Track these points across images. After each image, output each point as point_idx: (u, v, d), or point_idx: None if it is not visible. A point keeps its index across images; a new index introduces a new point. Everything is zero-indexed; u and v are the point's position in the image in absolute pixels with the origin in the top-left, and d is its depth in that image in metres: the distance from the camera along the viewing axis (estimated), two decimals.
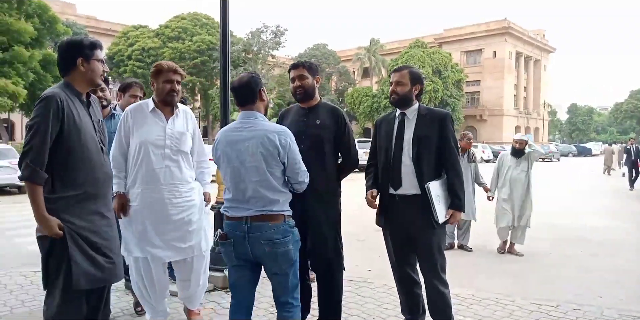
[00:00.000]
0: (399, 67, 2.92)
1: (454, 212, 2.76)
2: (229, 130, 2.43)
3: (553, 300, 3.80)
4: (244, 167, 2.33)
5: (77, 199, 2.16)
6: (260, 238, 2.30)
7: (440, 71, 40.53)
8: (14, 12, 19.61)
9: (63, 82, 2.25)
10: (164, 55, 33.97)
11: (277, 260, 2.33)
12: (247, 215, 2.32)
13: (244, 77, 2.44)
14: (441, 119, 2.80)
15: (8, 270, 4.60)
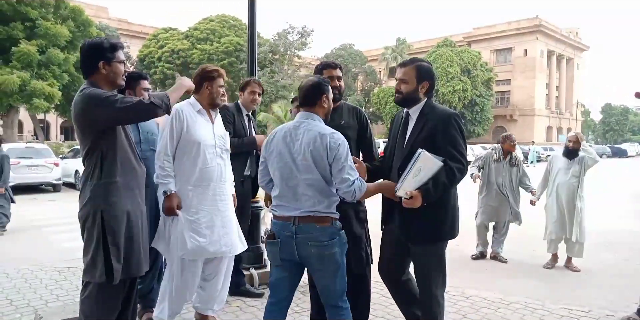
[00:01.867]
0: (404, 62, 2.63)
1: (418, 194, 2.32)
2: (285, 128, 2.42)
3: (585, 305, 3.69)
4: (295, 164, 2.32)
5: (122, 185, 2.28)
6: (307, 239, 2.28)
7: (470, 70, 39.89)
8: (51, 16, 20.32)
9: (88, 83, 2.31)
10: (193, 56, 34.53)
11: (324, 262, 2.31)
12: (295, 215, 2.31)
13: (312, 80, 2.45)
14: (444, 120, 2.46)
15: (44, 266, 4.77)
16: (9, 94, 18.04)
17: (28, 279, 4.33)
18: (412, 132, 2.54)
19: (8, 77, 17.55)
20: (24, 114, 25.12)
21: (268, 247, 2.41)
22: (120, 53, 2.36)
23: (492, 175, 5.48)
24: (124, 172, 2.30)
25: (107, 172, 2.25)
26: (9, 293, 3.91)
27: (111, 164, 2.26)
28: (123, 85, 2.44)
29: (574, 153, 5.07)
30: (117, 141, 2.29)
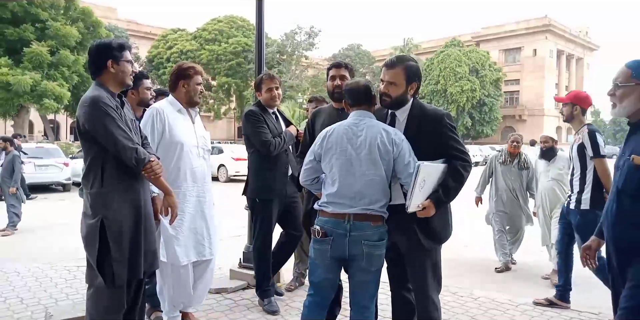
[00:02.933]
0: (391, 62, 2.40)
1: (429, 204, 2.26)
2: (343, 125, 2.38)
3: (594, 307, 3.66)
4: (358, 159, 2.28)
5: (125, 192, 2.27)
6: (361, 238, 2.25)
7: (478, 70, 39.72)
8: (61, 17, 20.54)
9: (97, 84, 2.32)
10: (201, 57, 34.69)
11: (372, 262, 2.28)
12: (351, 212, 2.26)
13: (363, 81, 2.49)
14: (436, 122, 2.34)
15: (54, 265, 4.82)
16: (20, 95, 18.27)
17: (38, 277, 4.37)
18: (406, 133, 2.36)
19: (20, 78, 17.76)
20: (34, 115, 25.37)
21: (316, 245, 2.33)
22: (127, 53, 2.36)
23: (499, 179, 5.09)
24: (127, 177, 2.28)
25: (109, 179, 2.24)
26: (20, 291, 3.96)
27: (113, 170, 2.25)
28: (131, 85, 2.44)
29: (549, 153, 4.69)
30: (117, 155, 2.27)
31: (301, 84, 35.93)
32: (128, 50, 2.38)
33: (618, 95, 1.98)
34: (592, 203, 3.40)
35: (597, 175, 3.40)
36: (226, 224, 3.06)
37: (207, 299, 3.60)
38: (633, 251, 1.90)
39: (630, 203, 1.91)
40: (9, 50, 19.45)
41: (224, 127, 48.87)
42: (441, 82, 39.64)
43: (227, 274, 4.13)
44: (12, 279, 4.32)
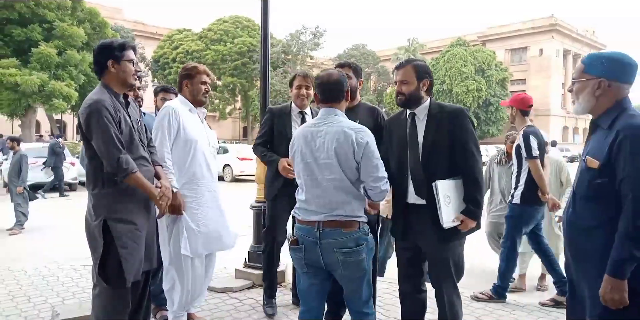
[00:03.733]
0: (400, 64, 2.55)
1: (465, 218, 2.37)
2: (307, 125, 2.31)
3: None
4: (317, 164, 2.19)
5: (126, 193, 2.26)
6: (332, 246, 2.15)
7: (484, 70, 39.56)
8: (68, 18, 20.68)
9: (101, 84, 2.34)
10: (207, 57, 34.78)
11: (350, 269, 2.18)
12: (319, 219, 2.17)
13: (335, 74, 2.31)
14: (454, 116, 2.41)
15: (60, 264, 4.85)
16: (28, 95, 18.40)
17: (45, 276, 4.40)
18: (427, 133, 2.43)
19: (28, 78, 17.89)
20: (41, 114, 25.54)
21: (292, 253, 2.29)
22: (129, 52, 2.35)
23: (495, 180, 4.78)
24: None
25: (111, 180, 2.23)
26: (27, 290, 3.99)
27: (112, 175, 2.23)
28: (134, 85, 2.43)
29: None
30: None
31: None
32: (132, 49, 2.38)
33: (575, 91, 1.94)
34: (522, 199, 3.69)
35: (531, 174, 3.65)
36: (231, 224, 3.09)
37: (213, 298, 3.62)
38: (584, 256, 1.87)
39: (583, 205, 1.88)
40: (17, 50, 19.60)
41: (229, 127, 48.99)
42: (447, 82, 39.51)
43: (233, 273, 4.14)
44: (19, 278, 4.35)
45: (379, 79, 47.30)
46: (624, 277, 1.67)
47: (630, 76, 1.84)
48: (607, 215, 1.75)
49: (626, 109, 1.80)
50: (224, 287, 3.87)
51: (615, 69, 1.83)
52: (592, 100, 1.86)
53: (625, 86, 1.84)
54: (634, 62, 1.84)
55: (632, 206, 1.66)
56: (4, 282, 4.22)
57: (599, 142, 1.82)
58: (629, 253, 1.64)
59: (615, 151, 1.72)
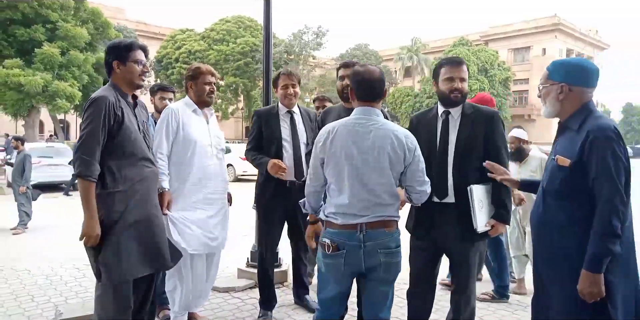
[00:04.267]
0: (459, 60, 2.52)
1: (496, 223, 2.44)
2: (347, 125, 2.14)
3: None
4: (366, 165, 2.09)
5: (126, 194, 2.23)
6: (377, 247, 2.09)
7: (487, 69, 39.50)
8: (71, 18, 20.73)
9: (110, 83, 2.34)
10: (209, 57, 34.81)
11: (390, 270, 2.14)
12: (363, 222, 2.08)
13: (377, 71, 2.20)
14: (488, 118, 2.48)
15: (63, 263, 4.87)
16: (32, 95, 18.46)
17: (48, 275, 4.42)
18: (461, 134, 2.46)
19: (31, 79, 17.94)
20: (44, 114, 25.62)
21: (328, 259, 2.14)
22: (136, 53, 2.33)
23: None
24: (130, 179, 2.25)
25: (111, 181, 2.21)
26: (31, 289, 4.00)
27: (115, 172, 2.22)
28: (142, 86, 2.41)
29: (518, 155, 4.09)
30: (121, 149, 2.25)
31: (309, 84, 35.94)
32: (140, 49, 2.35)
33: (542, 96, 2.04)
34: None
35: None
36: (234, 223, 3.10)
37: (215, 298, 3.63)
38: (558, 255, 1.91)
39: (555, 203, 1.93)
40: (20, 51, 19.66)
41: (231, 127, 49.00)
42: None
43: (235, 273, 4.14)
44: (22, 277, 4.37)
45: None
46: (601, 271, 1.75)
47: (590, 80, 1.95)
48: (581, 213, 1.82)
49: (592, 111, 1.91)
50: (226, 286, 3.87)
51: (575, 75, 1.94)
52: (557, 104, 1.97)
53: (587, 90, 1.95)
54: (594, 68, 1.96)
55: (606, 204, 1.74)
56: (7, 282, 4.24)
57: (569, 142, 1.91)
58: (606, 248, 1.73)
59: (587, 150, 1.80)
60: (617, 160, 1.76)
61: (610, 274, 1.78)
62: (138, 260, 2.25)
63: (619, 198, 1.74)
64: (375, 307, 2.19)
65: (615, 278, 1.79)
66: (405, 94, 41.08)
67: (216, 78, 3.08)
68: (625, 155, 1.79)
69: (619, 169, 1.76)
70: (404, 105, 40.32)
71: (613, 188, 1.74)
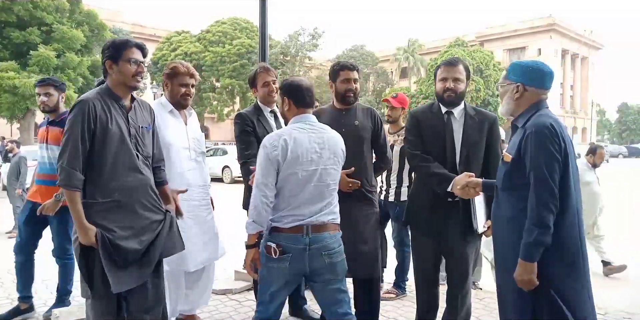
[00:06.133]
0: (454, 61, 2.60)
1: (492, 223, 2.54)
2: (303, 131, 2.22)
3: (601, 308, 3.64)
4: (325, 171, 2.21)
5: (107, 206, 2.11)
6: (321, 250, 2.17)
7: (482, 70, 39.59)
8: (66, 20, 20.66)
9: (104, 86, 2.22)
10: (205, 59, 34.77)
11: (336, 270, 2.23)
12: (308, 224, 2.16)
13: (307, 81, 2.37)
14: (491, 122, 2.61)
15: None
16: (27, 97, 18.39)
17: (45, 279, 4.39)
18: (467, 134, 2.55)
19: (26, 81, 17.87)
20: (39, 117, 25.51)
21: (272, 263, 2.18)
22: (130, 51, 2.16)
23: None
24: (112, 190, 2.12)
25: (92, 191, 2.10)
26: None
27: (96, 181, 2.10)
28: (138, 87, 2.23)
29: None
30: (102, 157, 2.10)
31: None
32: (135, 48, 2.19)
33: (500, 95, 2.16)
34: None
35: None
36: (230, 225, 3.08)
37: (212, 300, 3.62)
38: (505, 245, 2.02)
39: (502, 197, 2.06)
40: (15, 53, 19.58)
41: (228, 128, 48.86)
42: None
43: (232, 275, 4.14)
44: None
45: (377, 80, 47.27)
46: (533, 260, 1.87)
47: (545, 82, 2.05)
48: (523, 205, 1.93)
49: (539, 110, 2.01)
50: (223, 288, 3.86)
51: (531, 75, 2.04)
52: (512, 102, 2.07)
53: (540, 91, 2.05)
54: (549, 70, 2.06)
55: (535, 196, 1.87)
56: (3, 286, 4.21)
57: (514, 140, 2.04)
58: (536, 238, 1.85)
59: (524, 146, 1.93)
60: (549, 156, 1.86)
61: (548, 265, 1.89)
62: (122, 275, 2.11)
63: (549, 191, 1.85)
64: (334, 305, 2.25)
65: (554, 270, 1.90)
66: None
67: (195, 79, 2.86)
68: (561, 151, 1.88)
69: (550, 164, 1.85)
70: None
71: (543, 182, 1.85)
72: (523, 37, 48.59)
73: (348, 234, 2.68)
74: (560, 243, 1.89)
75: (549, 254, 1.89)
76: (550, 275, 1.90)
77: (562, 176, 1.88)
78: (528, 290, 1.91)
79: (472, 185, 2.33)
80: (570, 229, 1.92)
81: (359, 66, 3.17)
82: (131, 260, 2.15)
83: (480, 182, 2.34)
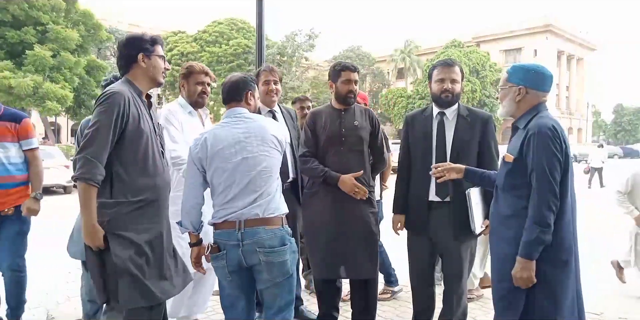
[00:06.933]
0: (450, 62, 2.65)
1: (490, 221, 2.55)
2: (220, 127, 2.21)
3: (596, 309, 3.65)
4: (254, 159, 2.13)
5: (136, 206, 1.98)
6: (254, 246, 2.06)
7: (478, 71, 39.73)
8: (61, 20, 20.60)
9: (125, 80, 2.10)
10: (202, 59, 34.73)
11: (273, 271, 2.09)
12: (240, 218, 2.07)
13: (235, 76, 2.33)
14: (484, 121, 2.60)
15: (55, 267, 4.81)
16: (22, 97, 18.32)
17: (40, 280, 4.36)
18: (457, 135, 2.57)
19: (22, 81, 17.81)
20: (35, 117, 25.44)
21: (214, 262, 2.15)
22: (160, 47, 2.16)
23: None
24: (142, 189, 2.00)
25: (120, 189, 1.96)
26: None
27: (125, 181, 1.97)
28: (162, 83, 2.19)
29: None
30: (134, 153, 2.00)
31: (302, 86, 35.95)
32: (160, 44, 2.17)
33: (500, 97, 2.18)
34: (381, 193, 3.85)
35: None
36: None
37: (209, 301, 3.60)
38: (503, 243, 2.04)
39: (502, 196, 2.09)
40: (11, 53, 19.51)
41: None
42: None
43: None
44: None
45: (374, 80, 47.38)
46: (532, 257, 1.90)
47: (545, 85, 2.09)
48: (521, 204, 1.96)
49: (539, 111, 2.05)
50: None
51: (533, 78, 2.07)
52: (513, 105, 2.11)
53: (541, 94, 2.09)
54: (549, 73, 2.10)
55: (537, 195, 1.89)
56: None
57: (515, 141, 2.07)
58: (536, 236, 1.88)
59: (526, 147, 1.96)
60: (551, 156, 1.89)
61: (544, 263, 1.92)
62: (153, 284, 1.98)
63: (551, 191, 1.88)
64: (275, 303, 2.15)
65: (549, 268, 1.92)
66: (397, 95, 41.15)
67: (211, 78, 2.92)
68: (562, 152, 1.91)
69: (552, 164, 1.88)
70: (396, 107, 40.39)
71: (545, 181, 1.88)
72: (519, 38, 48.75)
73: (346, 233, 2.71)
74: (557, 242, 1.91)
75: (545, 253, 1.91)
76: (544, 273, 1.92)
77: (562, 176, 1.91)
78: (525, 288, 1.93)
79: (454, 171, 2.37)
80: (566, 228, 1.94)
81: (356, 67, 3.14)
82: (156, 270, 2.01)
83: (462, 168, 2.36)
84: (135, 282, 1.92)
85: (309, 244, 2.90)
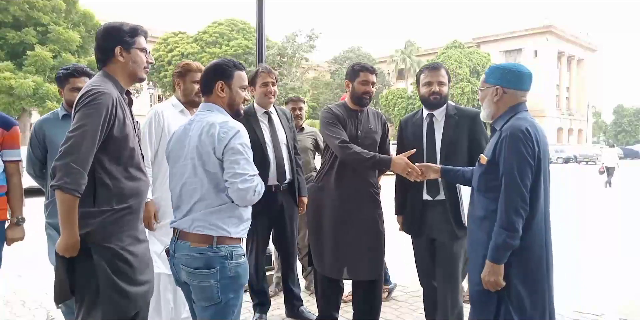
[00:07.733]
0: (437, 65, 2.70)
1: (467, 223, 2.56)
2: (185, 124, 2.01)
3: (597, 309, 3.65)
4: (182, 165, 1.90)
5: (121, 214, 1.81)
6: (180, 262, 1.86)
7: (479, 71, 39.69)
8: (62, 21, 20.62)
9: (104, 74, 1.88)
10: (202, 60, 34.73)
11: (198, 295, 1.84)
12: (177, 227, 1.89)
13: (210, 63, 2.03)
14: (471, 118, 2.62)
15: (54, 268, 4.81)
16: (23, 98, 18.34)
17: (40, 280, 4.37)
18: (446, 134, 2.61)
19: (23, 82, 17.83)
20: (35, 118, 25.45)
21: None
22: (141, 39, 1.92)
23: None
24: (127, 195, 1.84)
25: (105, 198, 1.78)
26: (22, 294, 3.96)
27: (110, 187, 1.79)
28: (144, 79, 1.99)
29: None
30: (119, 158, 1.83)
31: (302, 87, 35.95)
32: (142, 35, 1.93)
33: (480, 99, 2.15)
34: None
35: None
36: None
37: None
38: (476, 245, 2.03)
39: (477, 198, 2.08)
40: (11, 54, 19.53)
41: None
42: None
43: None
44: (13, 282, 4.33)
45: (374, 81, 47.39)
46: (500, 262, 1.88)
47: (523, 84, 2.04)
48: (493, 207, 1.94)
49: (517, 112, 2.00)
50: None
51: (509, 78, 2.03)
52: (492, 106, 2.07)
53: (519, 93, 2.04)
54: (527, 72, 2.05)
55: (505, 199, 1.87)
56: None
57: (491, 142, 2.04)
58: (503, 240, 1.86)
59: (498, 149, 1.94)
60: (522, 160, 1.86)
61: (513, 268, 1.90)
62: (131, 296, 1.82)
63: (519, 196, 1.85)
64: None
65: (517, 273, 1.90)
66: (398, 96, 41.18)
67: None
68: (534, 156, 1.87)
69: (522, 169, 1.86)
70: (396, 107, 40.41)
71: (514, 186, 1.85)
72: (519, 39, 48.78)
73: (353, 234, 2.72)
74: (526, 247, 1.90)
75: (514, 258, 1.89)
76: (513, 277, 1.91)
77: (533, 181, 1.88)
78: (494, 291, 1.92)
79: (431, 171, 2.37)
80: (537, 233, 1.92)
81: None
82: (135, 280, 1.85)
83: (439, 168, 2.38)
84: (121, 295, 1.77)
85: (313, 240, 2.90)
